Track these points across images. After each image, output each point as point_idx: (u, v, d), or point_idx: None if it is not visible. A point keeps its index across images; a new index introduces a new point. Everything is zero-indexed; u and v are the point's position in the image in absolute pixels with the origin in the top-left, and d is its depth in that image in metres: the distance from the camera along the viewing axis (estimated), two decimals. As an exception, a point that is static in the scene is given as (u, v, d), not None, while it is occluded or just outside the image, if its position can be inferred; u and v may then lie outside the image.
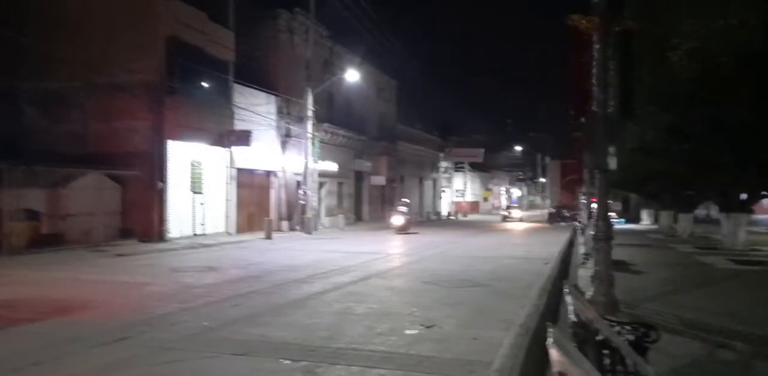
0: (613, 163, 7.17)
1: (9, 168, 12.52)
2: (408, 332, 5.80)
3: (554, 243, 17.46)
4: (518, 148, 60.35)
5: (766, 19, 6.84)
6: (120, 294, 7.94)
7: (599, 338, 3.46)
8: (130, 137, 16.02)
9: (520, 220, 38.54)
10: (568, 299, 3.61)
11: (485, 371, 4.40)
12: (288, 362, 4.68)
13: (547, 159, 66.40)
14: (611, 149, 7.21)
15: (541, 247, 16.64)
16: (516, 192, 69.63)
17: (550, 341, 2.48)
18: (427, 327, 5.93)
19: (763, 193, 15.35)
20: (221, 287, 8.63)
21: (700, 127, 9.23)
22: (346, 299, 7.71)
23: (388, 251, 14.81)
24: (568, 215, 35.91)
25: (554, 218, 35.58)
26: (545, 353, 4.25)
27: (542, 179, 68.56)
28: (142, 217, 15.98)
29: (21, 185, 12.88)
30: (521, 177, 67.99)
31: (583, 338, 3.44)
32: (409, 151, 36.61)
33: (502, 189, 64.46)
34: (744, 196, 15.58)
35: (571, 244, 16.87)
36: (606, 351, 3.40)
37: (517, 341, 4.99)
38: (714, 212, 29.22)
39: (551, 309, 6.65)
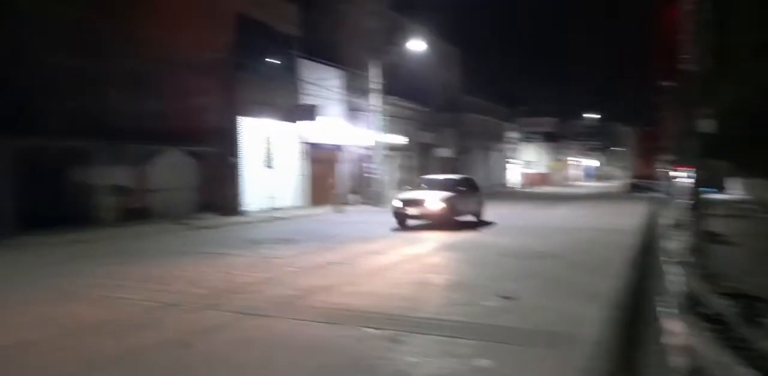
0: (708, 125, 6.64)
1: (99, 146, 13.30)
2: (487, 303, 5.71)
3: (635, 214, 16.67)
4: (592, 115, 57.29)
5: None
6: (205, 264, 8.33)
7: (706, 310, 3.24)
8: (205, 114, 16.56)
9: (443, 212, 12.72)
10: (670, 269, 3.39)
11: (573, 343, 4.26)
12: (373, 330, 4.73)
13: (625, 127, 62.89)
14: (706, 111, 6.68)
15: (621, 218, 15.92)
16: (590, 162, 66.81)
17: (661, 311, 2.31)
18: (507, 299, 5.82)
19: None
20: (299, 257, 8.86)
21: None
22: (422, 270, 7.71)
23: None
24: (648, 185, 34.15)
25: (634, 189, 33.96)
26: (639, 327, 4.03)
27: (619, 148, 65.22)
28: (219, 191, 16.64)
29: (110, 162, 13.67)
30: (596, 146, 64.95)
31: (691, 309, 3.23)
32: (474, 122, 35.80)
33: (575, 159, 62.04)
34: None
35: (654, 215, 16.04)
36: (714, 324, 3.18)
37: (607, 314, 4.79)
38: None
39: (640, 282, 6.34)
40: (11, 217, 10.97)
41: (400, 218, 13.28)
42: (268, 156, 18.25)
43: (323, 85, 20.09)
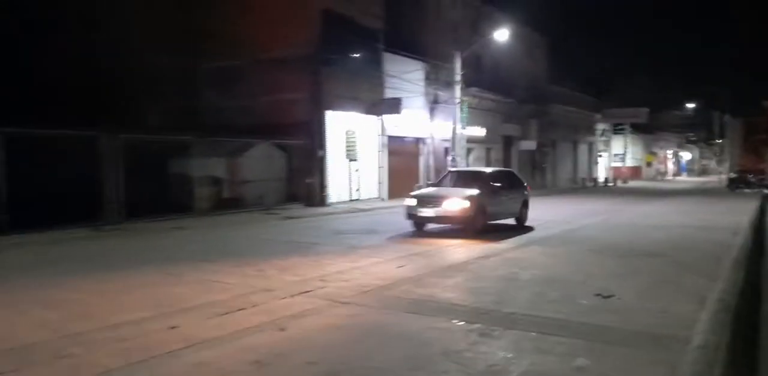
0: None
1: (196, 140, 14.10)
2: (582, 301, 5.48)
3: (738, 212, 15.37)
4: (690, 105, 53.17)
5: None
6: (295, 252, 8.60)
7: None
8: (291, 109, 17.09)
9: (466, 214, 10.30)
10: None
11: (680, 347, 3.99)
12: (461, 323, 4.68)
13: (726, 117, 57.90)
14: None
15: (722, 216, 14.78)
16: (686, 155, 62.30)
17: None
18: (605, 297, 5.55)
19: None
20: (382, 248, 8.95)
21: None
22: (508, 264, 7.54)
23: (543, 217, 14.17)
24: (753, 180, 31.39)
25: (736, 184, 31.35)
26: (755, 333, 3.68)
27: (719, 140, 60.32)
28: (304, 183, 17.15)
29: (206, 155, 14.46)
30: (692, 138, 60.40)
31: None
32: (561, 114, 34.41)
33: (669, 152, 58.06)
34: None
35: (763, 212, 14.73)
36: None
37: (717, 318, 4.44)
38: None
39: (752, 284, 5.84)
40: (120, 205, 11.90)
41: (415, 220, 10.92)
42: (351, 149, 18.55)
43: (405, 77, 20.10)
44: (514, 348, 4.07)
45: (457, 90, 21.29)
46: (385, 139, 20.07)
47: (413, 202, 10.78)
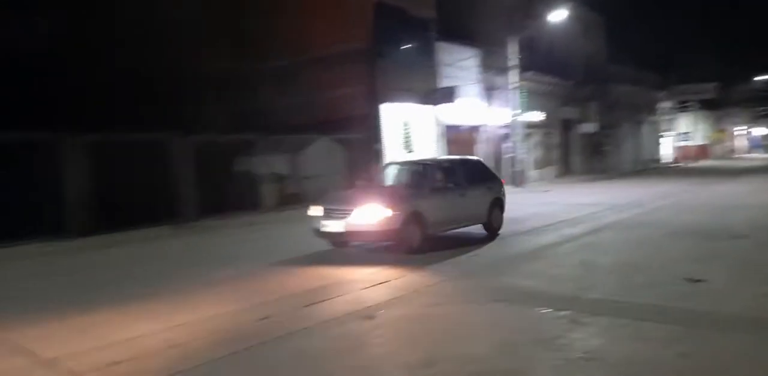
0: None
1: (261, 138, 14.53)
2: (670, 286, 5.32)
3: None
4: (761, 77, 49.77)
5: None
6: (365, 243, 8.73)
7: None
8: (347, 103, 17.25)
9: (389, 228, 7.17)
10: None
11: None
12: (549, 310, 4.65)
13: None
14: None
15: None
16: (758, 131, 58.55)
17: None
18: (694, 281, 5.37)
19: None
20: (450, 237, 8.94)
21: None
22: (584, 250, 7.39)
23: (611, 201, 13.76)
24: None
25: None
26: None
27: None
28: (364, 176, 17.31)
29: (269, 152, 14.86)
30: (765, 113, 56.60)
31: None
32: (621, 94, 33.05)
33: (740, 129, 54.75)
34: None
35: None
36: None
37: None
38: None
39: None
40: (194, 203, 12.45)
41: (324, 238, 7.86)
42: (408, 140, 18.60)
43: (460, 65, 19.90)
44: (607, 335, 4.02)
45: (514, 75, 20.91)
46: (442, 129, 19.96)
47: (318, 211, 7.74)
